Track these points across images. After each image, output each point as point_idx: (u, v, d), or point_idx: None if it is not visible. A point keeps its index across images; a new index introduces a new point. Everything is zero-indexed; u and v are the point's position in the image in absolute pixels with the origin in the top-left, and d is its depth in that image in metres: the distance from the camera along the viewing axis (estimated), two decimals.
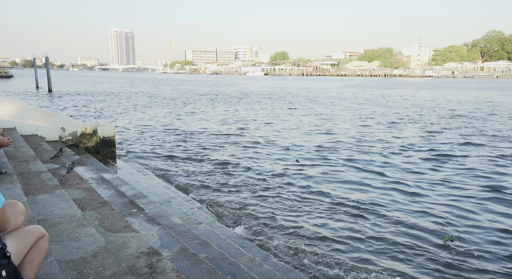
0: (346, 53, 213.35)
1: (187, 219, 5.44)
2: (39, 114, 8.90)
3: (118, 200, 5.35)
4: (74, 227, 3.54)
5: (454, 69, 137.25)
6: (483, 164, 9.76)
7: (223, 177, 8.63)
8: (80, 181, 5.62)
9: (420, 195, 7.46)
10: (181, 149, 11.65)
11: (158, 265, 3.22)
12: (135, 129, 15.56)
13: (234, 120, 18.66)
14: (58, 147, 7.93)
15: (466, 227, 5.92)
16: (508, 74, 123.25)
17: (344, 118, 19.94)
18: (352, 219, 6.22)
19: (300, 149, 11.73)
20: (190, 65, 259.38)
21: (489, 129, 15.70)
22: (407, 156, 10.79)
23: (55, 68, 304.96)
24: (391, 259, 4.93)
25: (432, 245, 5.32)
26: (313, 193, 7.54)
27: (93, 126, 9.64)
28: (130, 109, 23.66)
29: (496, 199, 7.20)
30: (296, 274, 4.22)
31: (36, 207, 3.98)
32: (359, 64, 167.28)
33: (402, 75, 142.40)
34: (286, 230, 5.74)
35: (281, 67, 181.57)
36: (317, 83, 77.94)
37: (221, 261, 4.01)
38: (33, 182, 4.88)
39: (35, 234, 2.20)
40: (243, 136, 14.15)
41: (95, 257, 3.01)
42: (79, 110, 22.55)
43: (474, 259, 4.94)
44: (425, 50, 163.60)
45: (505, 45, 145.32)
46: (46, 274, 2.50)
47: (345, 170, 9.26)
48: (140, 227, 4.41)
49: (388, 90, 50.38)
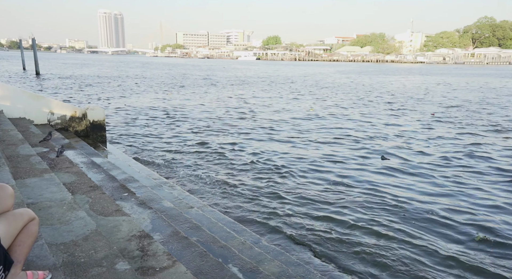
0: (339, 38, 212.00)
1: (178, 203, 5.46)
2: (27, 97, 8.74)
3: (109, 184, 5.33)
4: (64, 211, 3.52)
5: (446, 55, 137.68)
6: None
7: (216, 161, 8.63)
8: (70, 165, 5.58)
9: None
10: (173, 134, 11.59)
11: (150, 248, 3.24)
12: (126, 113, 15.39)
13: (230, 106, 18.58)
14: (47, 130, 7.82)
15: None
16: (498, 60, 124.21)
17: (377, 108, 18.24)
18: (352, 205, 6.30)
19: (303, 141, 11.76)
20: (181, 49, 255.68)
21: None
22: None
23: (42, 50, 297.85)
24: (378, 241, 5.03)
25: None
26: (309, 177, 7.60)
27: (83, 109, 9.50)
28: (120, 93, 23.34)
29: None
30: (286, 256, 4.28)
31: (26, 191, 3.94)
32: (352, 50, 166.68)
33: (394, 60, 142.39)
34: (278, 215, 5.80)
35: (274, 51, 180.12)
36: (312, 68, 76.93)
37: (213, 244, 4.05)
38: (21, 165, 4.82)
39: (25, 217, 2.19)
40: (239, 120, 14.11)
41: (86, 240, 3.01)
42: (68, 93, 22.17)
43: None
44: (417, 36, 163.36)
45: (496, 32, 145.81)
46: (36, 256, 2.50)
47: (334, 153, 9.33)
48: (131, 211, 4.41)
49: (389, 76, 49.48)
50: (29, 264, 2.39)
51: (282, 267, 3.85)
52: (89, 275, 2.55)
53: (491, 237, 5.18)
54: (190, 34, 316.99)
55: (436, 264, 4.53)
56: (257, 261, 3.91)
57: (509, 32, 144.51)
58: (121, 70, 51.85)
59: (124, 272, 2.62)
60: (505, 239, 5.14)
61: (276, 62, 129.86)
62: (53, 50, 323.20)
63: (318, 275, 3.93)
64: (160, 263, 3.01)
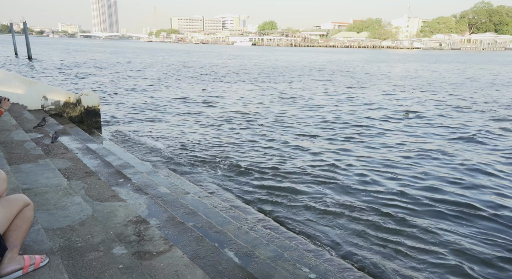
0: (335, 23, 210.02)
1: (174, 189, 5.47)
2: (20, 82, 8.62)
3: (104, 170, 5.32)
4: (60, 196, 3.53)
5: (442, 41, 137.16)
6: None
7: (211, 147, 8.63)
8: (65, 151, 5.55)
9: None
10: (169, 120, 11.54)
11: (146, 233, 3.26)
12: (121, 99, 15.26)
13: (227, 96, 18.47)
14: (41, 116, 7.75)
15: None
16: (493, 46, 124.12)
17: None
18: (342, 189, 6.35)
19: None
20: (176, 34, 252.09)
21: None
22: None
23: (34, 34, 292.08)
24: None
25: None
26: (305, 163, 7.63)
27: (77, 95, 9.41)
28: (116, 78, 23.08)
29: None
30: (281, 241, 4.33)
31: (21, 176, 3.93)
32: (348, 35, 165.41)
33: (391, 46, 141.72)
34: (274, 200, 5.84)
35: (269, 37, 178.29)
36: (316, 54, 72.87)
37: (209, 229, 4.08)
38: (16, 151, 4.79)
39: (20, 202, 2.19)
40: (231, 105, 14.06)
41: (82, 225, 3.03)
42: (62, 78, 21.89)
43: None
44: (413, 21, 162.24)
45: (492, 17, 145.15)
46: (33, 241, 2.51)
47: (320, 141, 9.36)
48: (127, 197, 4.42)
49: (408, 64, 46.32)
50: (26, 249, 2.40)
51: (277, 251, 3.90)
52: (86, 259, 2.57)
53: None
54: (185, 19, 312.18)
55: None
56: (253, 245, 3.95)
57: (505, 18, 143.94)
58: (114, 56, 51.14)
59: (121, 256, 2.64)
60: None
61: (273, 48, 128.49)
62: (45, 35, 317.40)
63: (313, 259, 3.99)
64: (156, 247, 3.04)
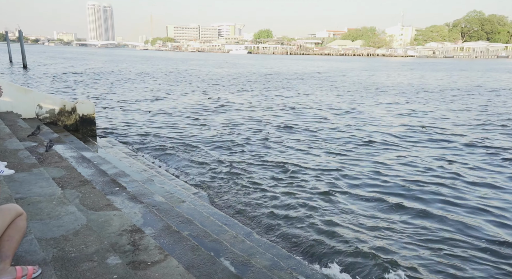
0: (330, 31, 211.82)
1: (170, 197, 5.44)
2: (14, 90, 8.58)
3: (99, 178, 5.28)
4: (54, 206, 3.49)
5: (435, 49, 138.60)
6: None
7: (206, 156, 8.60)
8: (60, 160, 5.51)
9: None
10: (164, 129, 11.51)
11: (141, 242, 3.23)
12: (116, 107, 15.23)
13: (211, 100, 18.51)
14: (35, 124, 7.69)
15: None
16: (486, 54, 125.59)
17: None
18: (342, 199, 6.35)
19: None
20: (172, 42, 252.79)
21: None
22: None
23: (29, 42, 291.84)
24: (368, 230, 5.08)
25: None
26: (306, 174, 7.62)
27: (72, 103, 9.38)
28: (110, 87, 23.06)
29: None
30: (278, 249, 4.31)
31: (14, 186, 3.89)
32: (343, 43, 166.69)
33: (385, 54, 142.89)
34: (269, 209, 5.82)
35: (265, 45, 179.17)
36: (315, 63, 72.62)
37: (204, 238, 4.05)
38: (9, 160, 4.75)
39: (12, 212, 2.16)
40: (223, 113, 14.07)
41: (76, 235, 2.99)
42: (57, 87, 21.82)
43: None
44: (407, 30, 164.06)
45: (484, 26, 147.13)
46: (26, 251, 2.48)
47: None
48: (122, 206, 4.38)
49: (409, 72, 46.11)
50: (18, 259, 2.37)
51: (274, 260, 3.87)
52: (80, 270, 2.53)
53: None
54: (181, 27, 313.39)
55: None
56: (249, 254, 3.93)
57: (497, 26, 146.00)
58: (112, 64, 51.16)
59: (116, 266, 2.61)
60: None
61: (269, 56, 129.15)
62: (41, 43, 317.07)
63: (309, 268, 3.97)
64: (151, 257, 3.00)
